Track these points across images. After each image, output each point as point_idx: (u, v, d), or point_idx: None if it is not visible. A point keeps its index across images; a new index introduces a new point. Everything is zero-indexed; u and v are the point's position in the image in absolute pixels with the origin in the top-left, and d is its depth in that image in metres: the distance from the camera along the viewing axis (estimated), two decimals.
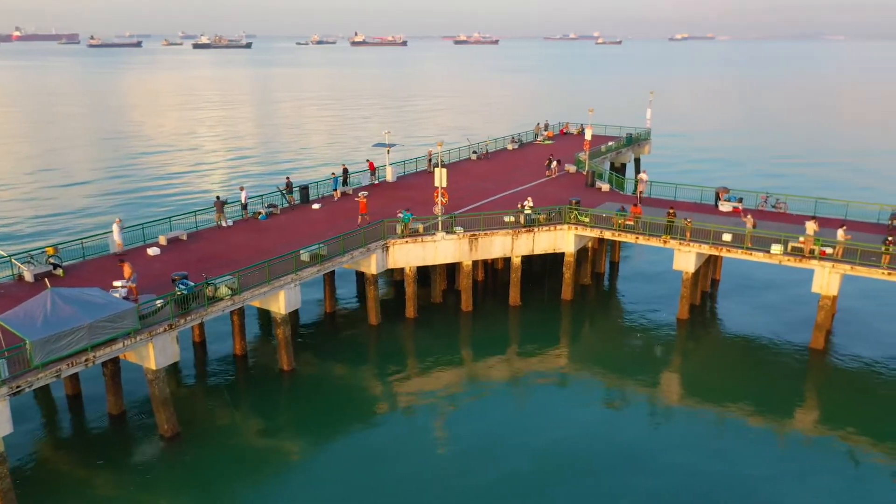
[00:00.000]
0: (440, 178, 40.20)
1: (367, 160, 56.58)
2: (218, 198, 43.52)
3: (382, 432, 30.04)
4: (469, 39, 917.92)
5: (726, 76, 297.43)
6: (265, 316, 40.60)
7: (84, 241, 36.18)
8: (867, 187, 76.21)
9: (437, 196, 40.51)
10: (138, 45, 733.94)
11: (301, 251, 35.30)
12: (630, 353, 37.74)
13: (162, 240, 38.42)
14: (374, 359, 37.24)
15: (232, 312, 35.76)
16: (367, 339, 39.27)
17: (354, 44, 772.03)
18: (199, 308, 29.89)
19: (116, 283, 29.66)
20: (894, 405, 32.17)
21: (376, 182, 53.60)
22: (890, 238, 36.39)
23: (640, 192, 48.57)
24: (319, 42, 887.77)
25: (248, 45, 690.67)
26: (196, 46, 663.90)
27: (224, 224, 42.09)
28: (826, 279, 36.27)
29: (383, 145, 55.19)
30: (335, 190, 49.12)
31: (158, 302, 28.64)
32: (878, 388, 33.75)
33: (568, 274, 43.57)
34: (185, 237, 39.54)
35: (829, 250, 36.42)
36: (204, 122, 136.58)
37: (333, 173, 50.84)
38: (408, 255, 40.15)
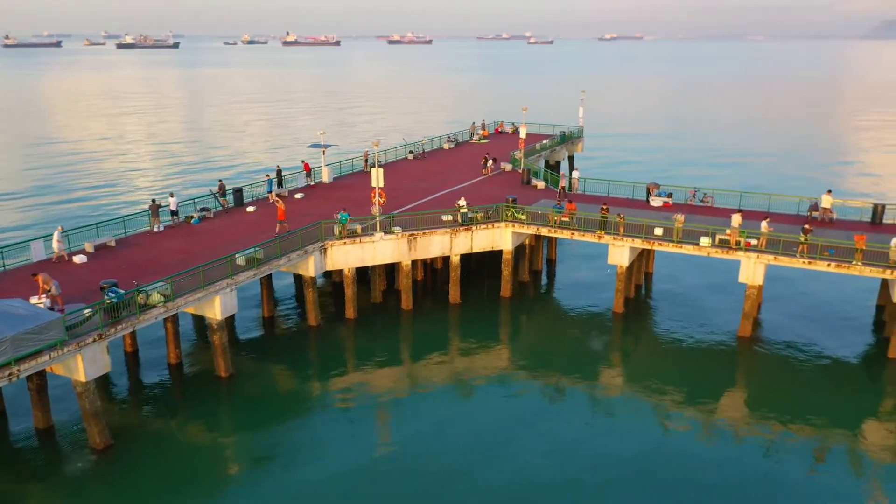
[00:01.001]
0: (377, 178, 40.07)
1: (303, 161, 55.90)
2: (154, 201, 42.23)
3: (324, 435, 29.74)
4: (403, 39, 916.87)
5: (655, 75, 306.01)
6: (200, 322, 39.61)
7: (4, 250, 34.55)
8: (789, 181, 79.72)
9: (375, 196, 40.36)
10: (58, 44, 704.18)
11: (236, 255, 34.60)
12: (568, 347, 38.45)
13: (88, 247, 37.01)
14: (314, 361, 36.83)
15: (165, 320, 34.74)
16: (306, 341, 38.80)
17: (286, 44, 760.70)
18: (131, 316, 28.94)
19: (33, 300, 28.40)
20: (816, 388, 33.77)
21: (312, 183, 53.00)
22: (807, 226, 38.16)
23: (563, 188, 49.62)
24: (251, 42, 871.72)
25: (176, 45, 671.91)
26: (120, 46, 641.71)
27: (156, 229, 40.87)
28: (751, 269, 37.79)
29: (319, 146, 54.62)
30: (270, 192, 48.32)
31: (87, 311, 27.59)
32: (802, 372, 35.33)
33: (506, 271, 44.07)
34: (113, 244, 38.20)
35: (753, 242, 37.95)
36: (130, 126, 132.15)
37: (268, 175, 50.02)
38: (346, 256, 39.86)
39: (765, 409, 31.82)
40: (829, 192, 45.09)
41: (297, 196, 48.98)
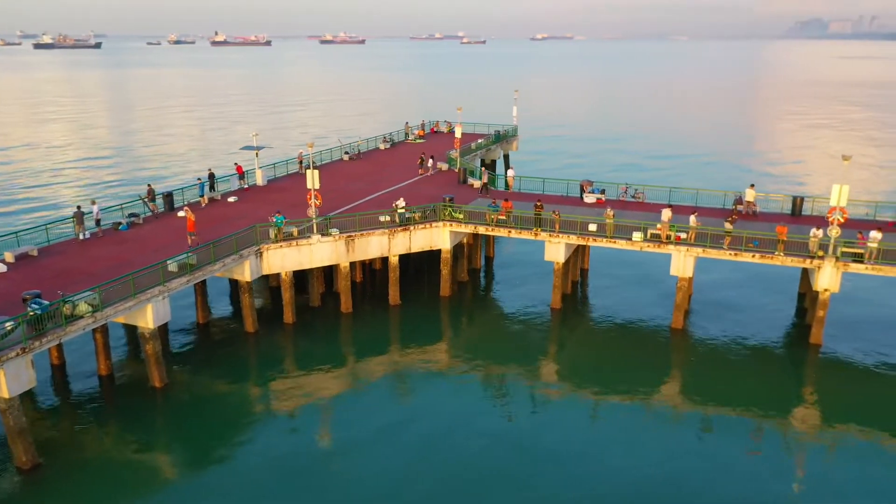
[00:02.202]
0: (312, 179, 39.59)
1: (236, 164, 54.70)
2: (78, 208, 40.57)
3: (264, 443, 29.23)
4: (335, 39, 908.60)
5: (586, 74, 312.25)
6: (132, 332, 38.30)
7: None
8: (715, 175, 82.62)
9: (311, 198, 39.87)
10: None
11: (168, 261, 33.61)
12: (508, 343, 38.89)
13: (8, 256, 35.29)
14: (252, 368, 36.13)
15: (94, 330, 33.44)
16: (243, 348, 38.02)
17: (215, 44, 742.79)
18: (56, 328, 27.77)
19: None
20: (745, 374, 35.13)
21: (246, 186, 51.95)
22: (732, 216, 39.66)
23: (485, 184, 50.21)
24: (177, 42, 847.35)
25: (98, 46, 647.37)
26: (37, 46, 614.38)
27: (82, 237, 39.31)
28: (682, 262, 39.02)
29: (252, 148, 53.56)
30: (202, 196, 47.13)
31: (8, 324, 26.31)
32: (731, 359, 36.69)
33: (445, 270, 44.23)
34: (35, 252, 36.55)
35: (683, 235, 39.20)
36: (52, 129, 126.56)
37: (199, 178, 48.77)
38: (283, 259, 39.24)
39: (698, 396, 32.92)
40: (752, 185, 46.93)
41: (231, 199, 47.94)
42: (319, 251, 40.00)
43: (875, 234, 36.64)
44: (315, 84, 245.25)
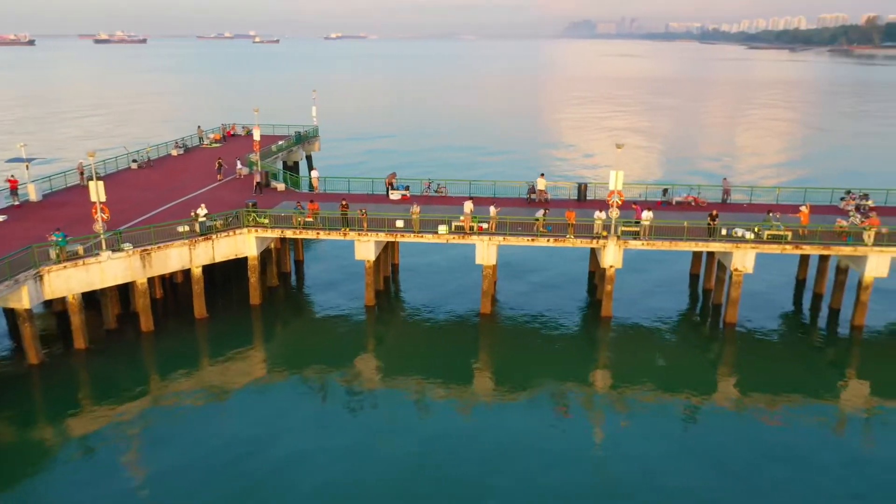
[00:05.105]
0: (97, 191, 36.35)
1: (10, 178, 48.50)
2: None
3: (55, 483, 26.43)
4: (112, 38, 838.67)
5: (382, 72, 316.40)
6: None
7: None
8: (509, 167, 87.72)
9: (97, 212, 36.58)
10: None
11: None
12: (323, 345, 38.56)
13: None
14: (38, 403, 32.40)
15: None
16: (26, 381, 33.89)
17: None
18: None
19: None
20: (548, 351, 37.91)
21: (17, 203, 46.42)
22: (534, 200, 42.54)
23: (258, 183, 50.63)
24: None
25: None
26: None
27: None
28: (485, 251, 41.06)
29: (20, 160, 47.96)
30: None
31: None
32: (536, 338, 39.36)
33: (253, 278, 42.77)
34: None
35: (484, 226, 41.25)
36: None
37: None
38: (69, 281, 35.59)
39: (507, 376, 34.90)
40: (542, 175, 50.48)
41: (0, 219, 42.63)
42: (111, 269, 36.80)
43: (647, 214, 41.08)
44: (90, 87, 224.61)
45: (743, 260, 39.84)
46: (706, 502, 25.95)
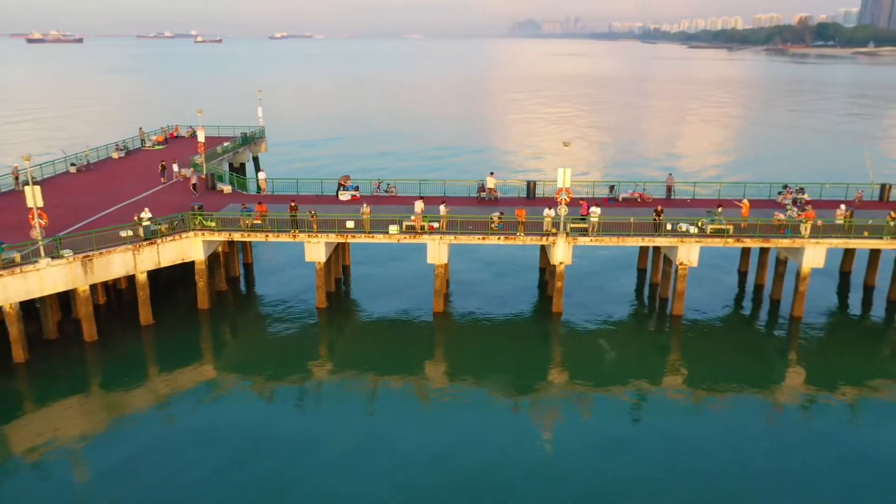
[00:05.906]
0: (33, 196, 35.08)
1: None
2: None
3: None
4: (47, 38, 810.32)
5: (328, 72, 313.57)
6: None
7: None
8: (460, 166, 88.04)
9: (34, 218, 35.32)
10: None
11: None
12: (274, 348, 38.04)
13: None
14: None
15: None
16: None
17: None
18: None
19: None
20: (501, 346, 38.18)
21: None
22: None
23: (193, 185, 50.07)
24: None
25: None
26: None
27: None
28: (437, 250, 41.11)
29: None
30: None
31: None
32: (489, 334, 39.64)
33: (201, 282, 41.91)
34: None
35: (435, 225, 41.29)
36: None
37: None
38: (5, 289, 34.22)
39: (460, 374, 35.06)
40: (492, 173, 50.81)
41: None
42: (50, 276, 35.56)
43: (595, 210, 41.77)
44: (23, 88, 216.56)
45: (688, 254, 40.89)
46: (652, 491, 26.55)
